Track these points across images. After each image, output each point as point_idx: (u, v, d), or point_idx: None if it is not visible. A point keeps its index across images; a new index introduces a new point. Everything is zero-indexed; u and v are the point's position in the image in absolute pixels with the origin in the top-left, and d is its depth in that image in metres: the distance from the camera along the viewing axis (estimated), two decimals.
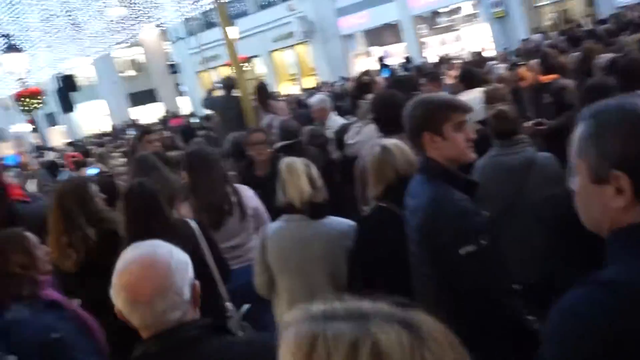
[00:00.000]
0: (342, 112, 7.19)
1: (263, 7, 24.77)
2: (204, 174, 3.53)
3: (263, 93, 8.22)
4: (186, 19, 25.54)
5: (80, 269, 3.10)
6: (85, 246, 3.10)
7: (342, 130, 5.46)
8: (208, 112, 10.52)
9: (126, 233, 3.00)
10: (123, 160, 8.20)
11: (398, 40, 22.30)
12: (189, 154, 3.82)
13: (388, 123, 3.63)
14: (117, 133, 19.45)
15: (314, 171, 2.99)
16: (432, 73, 6.63)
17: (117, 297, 1.56)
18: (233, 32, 19.32)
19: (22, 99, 13.29)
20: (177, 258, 1.62)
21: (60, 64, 28.91)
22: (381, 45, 22.92)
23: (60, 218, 3.18)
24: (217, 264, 3.07)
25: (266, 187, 3.57)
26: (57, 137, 34.75)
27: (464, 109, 2.23)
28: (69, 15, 28.82)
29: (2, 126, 37.43)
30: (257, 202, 3.76)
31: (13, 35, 15.90)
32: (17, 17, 30.54)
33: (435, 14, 21.68)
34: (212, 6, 18.81)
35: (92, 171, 4.65)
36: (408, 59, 15.48)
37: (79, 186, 3.35)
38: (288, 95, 17.17)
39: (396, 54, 21.35)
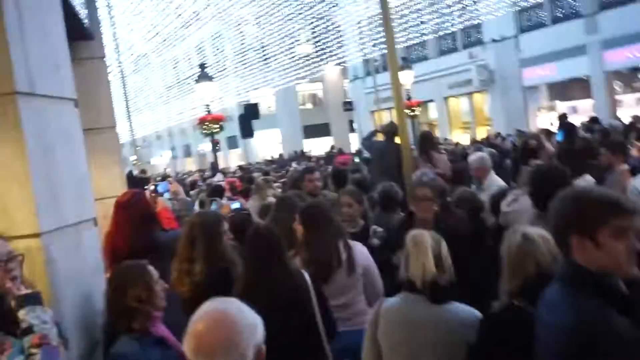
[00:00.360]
0: (505, 173, 6.67)
1: (443, 52, 24.56)
2: (318, 230, 3.48)
3: (426, 142, 7.92)
4: (366, 59, 26.28)
5: (190, 298, 3.19)
6: (198, 278, 3.23)
7: (500, 195, 4.97)
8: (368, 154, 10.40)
9: (246, 273, 3.05)
10: (279, 192, 8.46)
11: (586, 96, 20.57)
12: (306, 210, 3.72)
13: (542, 200, 3.15)
14: (283, 163, 20.35)
15: (444, 249, 2.64)
16: (616, 143, 5.76)
17: (186, 343, 1.58)
18: (407, 76, 19.44)
19: (205, 123, 14.47)
20: (248, 319, 1.60)
21: (246, 93, 31.39)
22: (567, 100, 21.35)
23: (186, 246, 3.33)
24: (323, 319, 3.02)
25: None
26: (235, 159, 37.62)
27: (631, 211, 1.75)
28: (263, 50, 31.36)
29: (191, 143, 41.40)
30: (369, 261, 3.66)
31: (208, 65, 17.49)
32: (217, 49, 34.01)
33: (636, 70, 19.64)
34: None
35: (235, 205, 4.73)
36: (594, 119, 14.08)
37: (211, 221, 3.47)
38: (457, 144, 16.64)
39: (582, 111, 19.70)
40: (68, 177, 2.73)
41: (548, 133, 8.94)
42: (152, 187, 4.22)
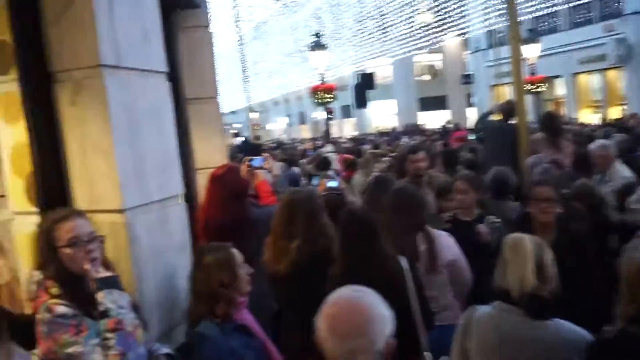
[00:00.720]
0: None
1: (576, 24, 22.59)
2: (399, 217, 3.30)
3: (553, 123, 7.19)
4: (489, 30, 24.89)
5: (287, 275, 3.14)
6: (296, 256, 3.13)
7: (627, 189, 4.42)
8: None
9: (339, 257, 2.98)
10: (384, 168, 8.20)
11: None
12: (394, 194, 3.57)
13: None
14: (395, 135, 19.94)
15: (547, 256, 2.31)
16: None
17: (320, 323, 1.65)
18: (532, 50, 18.12)
19: (317, 92, 14.44)
20: (383, 311, 1.67)
21: (362, 62, 31.02)
22: None
23: (284, 223, 3.23)
24: (421, 308, 2.93)
25: None
26: (349, 128, 37.62)
27: None
28: (381, 19, 30.73)
29: (306, 110, 41.92)
30: (457, 253, 3.40)
31: (323, 34, 17.40)
32: (334, 17, 33.81)
33: None
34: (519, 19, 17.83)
35: (332, 184, 4.57)
36: None
37: (310, 198, 3.36)
38: (583, 125, 15.31)
39: None
40: (154, 152, 2.70)
41: None
42: (247, 162, 4.13)
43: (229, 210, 3.53)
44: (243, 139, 21.56)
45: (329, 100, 14.51)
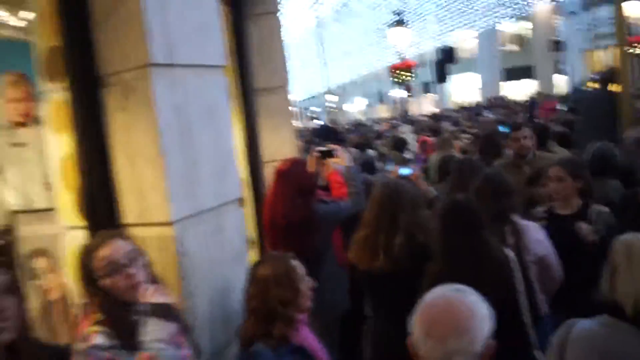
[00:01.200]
0: None
1: None
2: (483, 205, 2.95)
3: None
4: None
5: (387, 273, 2.97)
6: (399, 253, 2.94)
7: None
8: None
9: (440, 252, 2.81)
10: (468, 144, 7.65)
11: None
12: (482, 179, 3.30)
13: None
14: (476, 110, 19.03)
15: None
16: None
17: (415, 324, 1.59)
18: (634, 7, 16.52)
19: (396, 71, 13.98)
20: (483, 310, 1.59)
21: (445, 36, 29.88)
22: None
23: (381, 217, 3.03)
24: (530, 303, 2.80)
25: None
26: (429, 105, 36.57)
27: None
28: None
29: (384, 89, 41.17)
30: (547, 247, 3.10)
31: (404, 11, 16.82)
32: None
33: None
34: None
35: (404, 171, 4.26)
36: None
37: (410, 190, 3.16)
38: None
39: None
40: (209, 155, 2.51)
41: None
42: (316, 152, 3.88)
43: (295, 208, 3.34)
44: (321, 123, 21.39)
45: (408, 78, 14.00)
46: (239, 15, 4.28)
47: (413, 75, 14.12)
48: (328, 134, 13.42)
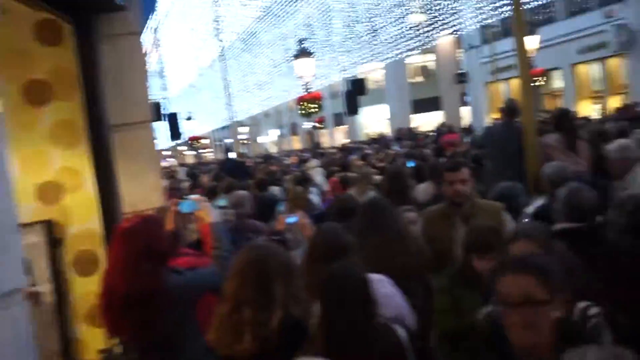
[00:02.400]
0: None
1: (574, 13, 21.66)
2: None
3: (567, 122, 6.14)
4: (483, 26, 23.99)
5: (248, 357, 2.34)
6: (264, 331, 2.32)
7: None
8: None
9: (319, 330, 2.37)
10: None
11: None
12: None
13: None
14: (385, 142, 18.97)
15: None
16: None
17: None
18: (531, 42, 17.16)
19: (302, 102, 13.49)
20: None
21: (353, 68, 30.13)
22: None
23: (242, 289, 2.37)
24: None
25: None
26: (341, 136, 36.73)
27: None
28: (371, 22, 29.87)
29: (297, 121, 41.04)
30: (399, 306, 2.75)
31: (307, 39, 16.48)
32: (324, 24, 33.00)
33: None
34: (512, 13, 16.85)
35: (290, 219, 3.62)
36: None
37: (283, 254, 2.53)
38: (586, 120, 14.26)
39: None
40: None
41: None
42: (174, 205, 3.14)
43: (139, 276, 2.57)
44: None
45: (314, 110, 13.55)
46: (88, 35, 3.50)
47: (317, 107, 13.66)
48: (236, 169, 12.67)
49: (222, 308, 2.40)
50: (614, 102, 20.20)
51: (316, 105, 13.47)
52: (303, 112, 13.52)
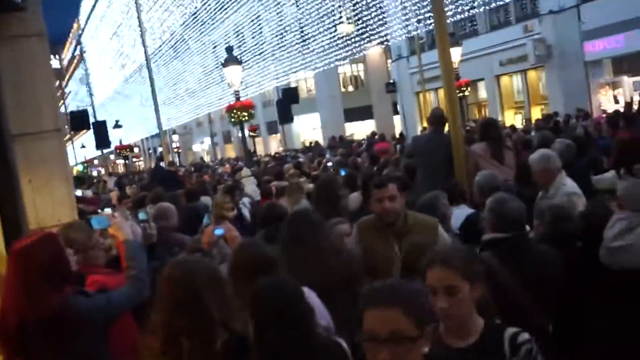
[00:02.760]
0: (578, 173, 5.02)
1: (494, 27, 22.54)
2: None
3: (494, 131, 6.20)
4: (410, 37, 24.53)
5: None
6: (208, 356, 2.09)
7: (590, 216, 3.40)
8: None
9: (255, 345, 2.15)
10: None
11: None
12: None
13: None
14: (319, 150, 18.99)
15: None
16: None
17: None
18: (455, 53, 17.63)
19: (233, 111, 13.23)
20: None
21: (285, 77, 30.09)
22: (635, 74, 19.16)
23: (179, 314, 2.12)
24: None
25: None
26: (276, 144, 36.55)
27: None
28: (301, 31, 29.94)
29: (231, 129, 40.52)
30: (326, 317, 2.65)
31: (244, 49, 16.23)
32: (255, 31, 32.79)
33: None
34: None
35: (218, 231, 3.43)
36: None
37: (210, 267, 2.35)
38: (511, 130, 14.79)
39: None
40: None
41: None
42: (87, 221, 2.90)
43: (36, 300, 2.31)
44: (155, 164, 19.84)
45: (245, 118, 13.31)
46: None
47: (249, 115, 13.43)
48: (166, 179, 12.19)
49: (151, 341, 2.14)
50: (536, 113, 21.12)
51: (247, 114, 13.24)
52: (234, 120, 13.23)
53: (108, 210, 3.05)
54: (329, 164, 11.13)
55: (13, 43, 3.30)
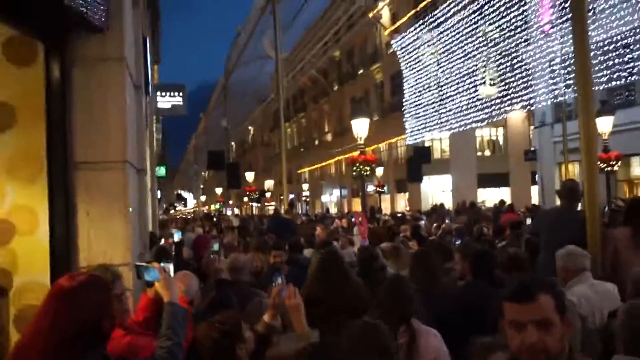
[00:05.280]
0: None
1: None
2: None
3: (638, 215, 5.13)
4: (556, 103, 22.94)
5: None
6: None
7: None
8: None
9: None
10: None
11: None
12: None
13: None
14: (441, 214, 17.96)
15: None
16: None
17: None
18: (605, 123, 16.04)
19: (356, 164, 12.92)
20: None
21: (419, 134, 29.55)
22: None
23: None
24: None
25: None
26: (403, 203, 35.75)
27: None
28: (439, 90, 29.42)
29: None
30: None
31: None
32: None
33: None
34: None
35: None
36: None
37: None
38: None
39: None
40: None
41: None
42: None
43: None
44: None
45: (367, 173, 12.97)
46: (61, 57, 3.05)
47: (370, 170, 13.04)
48: (282, 226, 12.13)
49: None
50: None
51: (369, 168, 12.86)
52: (356, 173, 12.91)
53: (169, 266, 2.66)
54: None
55: (89, 65, 3.14)
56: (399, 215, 19.19)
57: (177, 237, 10.10)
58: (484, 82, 27.99)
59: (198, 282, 3.50)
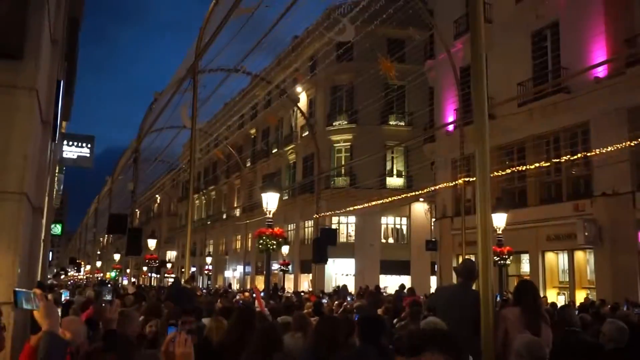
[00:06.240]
0: None
1: (544, 201, 22.02)
2: None
3: (533, 297, 5.37)
4: (456, 197, 24.32)
5: None
6: None
7: None
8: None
9: None
10: None
11: None
12: None
13: None
14: (343, 294, 18.07)
15: None
16: None
17: None
18: (498, 218, 17.11)
19: (263, 237, 12.84)
20: None
21: (326, 216, 30.02)
22: None
23: None
24: None
25: None
26: (307, 284, 35.58)
27: None
28: (352, 177, 30.40)
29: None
30: None
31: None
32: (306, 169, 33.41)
33: None
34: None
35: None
36: None
37: None
38: (552, 307, 13.68)
39: None
40: None
41: None
42: None
43: None
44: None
45: (272, 247, 12.88)
46: None
47: (276, 244, 12.99)
48: (181, 294, 11.67)
49: None
50: (580, 296, 19.82)
51: (276, 243, 12.80)
52: (261, 246, 12.80)
53: (38, 290, 2.47)
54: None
55: None
56: (302, 293, 19.07)
57: (64, 297, 9.45)
58: (394, 174, 29.33)
59: (86, 330, 3.27)
